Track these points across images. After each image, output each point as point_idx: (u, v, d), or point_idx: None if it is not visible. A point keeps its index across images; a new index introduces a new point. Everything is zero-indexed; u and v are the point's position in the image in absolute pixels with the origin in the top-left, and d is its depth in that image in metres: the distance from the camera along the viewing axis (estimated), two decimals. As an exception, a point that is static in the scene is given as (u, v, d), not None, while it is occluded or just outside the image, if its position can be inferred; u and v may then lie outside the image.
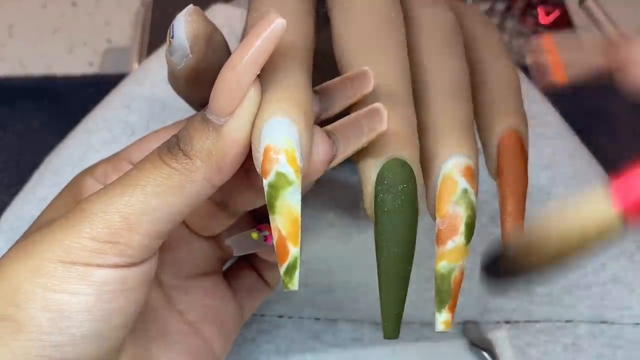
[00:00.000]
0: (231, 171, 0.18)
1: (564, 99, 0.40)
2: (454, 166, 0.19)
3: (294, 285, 0.17)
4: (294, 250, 0.17)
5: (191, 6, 0.20)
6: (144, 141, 0.23)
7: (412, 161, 0.18)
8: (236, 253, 0.23)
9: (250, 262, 0.27)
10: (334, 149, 0.18)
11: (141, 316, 0.20)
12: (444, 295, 0.19)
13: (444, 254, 0.19)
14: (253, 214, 0.26)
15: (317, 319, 0.31)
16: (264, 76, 0.18)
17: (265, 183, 0.17)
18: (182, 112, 0.32)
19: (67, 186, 0.23)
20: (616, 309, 0.31)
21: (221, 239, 0.25)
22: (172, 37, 0.20)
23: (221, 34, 0.21)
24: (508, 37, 0.46)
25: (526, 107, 0.23)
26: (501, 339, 0.30)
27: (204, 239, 0.24)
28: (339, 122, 0.19)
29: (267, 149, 0.17)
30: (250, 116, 0.17)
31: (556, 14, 0.47)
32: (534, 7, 0.48)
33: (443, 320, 0.19)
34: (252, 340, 0.31)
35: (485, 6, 0.48)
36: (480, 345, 0.30)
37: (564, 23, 0.47)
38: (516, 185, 0.21)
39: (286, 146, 0.17)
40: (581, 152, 0.35)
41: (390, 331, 0.19)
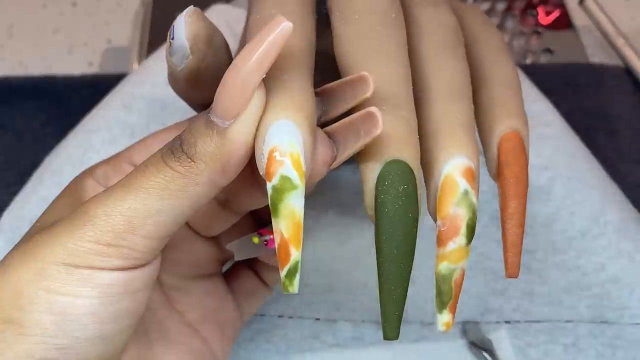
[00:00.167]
0: (235, 173, 0.18)
1: (564, 99, 0.40)
2: (455, 167, 0.19)
3: (295, 288, 0.17)
4: (295, 254, 0.17)
5: (191, 7, 0.20)
6: (144, 142, 0.23)
7: (412, 162, 0.18)
8: (237, 258, 0.23)
9: (249, 264, 0.27)
10: (334, 150, 0.18)
11: (142, 316, 0.20)
12: (444, 296, 0.19)
13: (444, 255, 0.19)
14: (255, 217, 0.26)
15: (317, 319, 0.31)
16: (267, 79, 0.18)
17: (269, 186, 0.17)
18: (182, 112, 0.32)
19: (67, 187, 0.23)
20: (616, 309, 0.31)
21: (222, 239, 0.25)
22: (173, 38, 0.20)
23: (221, 34, 0.21)
24: (508, 37, 0.46)
25: (526, 107, 0.23)
26: (501, 339, 0.30)
27: (205, 240, 0.24)
28: (337, 125, 0.19)
29: (272, 152, 0.17)
30: (254, 119, 0.17)
31: (556, 14, 0.47)
32: (534, 7, 0.48)
33: (444, 321, 0.19)
34: (252, 340, 0.31)
35: (485, 6, 0.48)
36: (480, 345, 0.30)
37: (564, 23, 0.47)
38: (517, 186, 0.21)
39: (291, 149, 0.17)
40: (581, 152, 0.35)
41: (390, 332, 0.19)
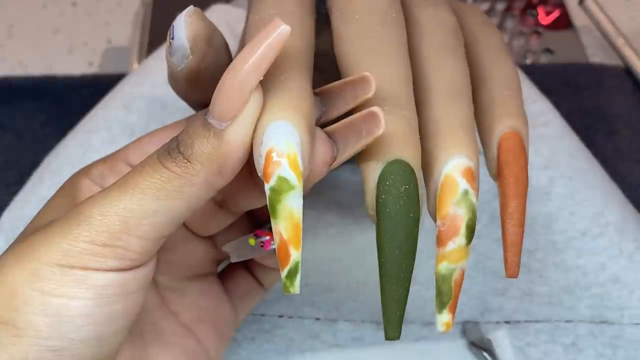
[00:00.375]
0: (232, 175, 0.18)
1: (563, 99, 0.40)
2: (455, 167, 0.19)
3: (296, 289, 0.17)
4: (295, 255, 0.17)
5: (191, 7, 0.20)
6: (140, 142, 0.23)
7: (414, 162, 0.18)
8: (233, 259, 0.23)
9: (245, 264, 0.27)
10: (334, 150, 0.18)
11: (137, 317, 0.20)
12: (444, 296, 0.19)
13: (444, 255, 0.19)
14: (251, 217, 0.26)
15: (317, 318, 0.31)
16: (265, 79, 0.18)
17: (267, 187, 0.17)
18: (182, 112, 0.32)
19: (62, 187, 0.23)
20: (616, 309, 0.31)
21: (217, 239, 0.25)
22: (173, 39, 0.20)
23: (221, 34, 0.21)
24: (508, 37, 0.46)
25: (526, 107, 0.23)
26: (501, 339, 0.30)
27: (200, 240, 0.24)
28: (338, 125, 0.19)
29: (269, 153, 0.17)
30: (252, 121, 0.17)
31: (556, 14, 0.47)
32: (534, 7, 0.48)
33: (444, 321, 0.19)
34: (252, 340, 0.31)
35: (485, 6, 0.48)
36: (480, 345, 0.30)
37: (564, 23, 0.47)
38: (516, 186, 0.21)
39: (288, 150, 0.17)
40: (581, 152, 0.35)
41: (392, 332, 0.19)
